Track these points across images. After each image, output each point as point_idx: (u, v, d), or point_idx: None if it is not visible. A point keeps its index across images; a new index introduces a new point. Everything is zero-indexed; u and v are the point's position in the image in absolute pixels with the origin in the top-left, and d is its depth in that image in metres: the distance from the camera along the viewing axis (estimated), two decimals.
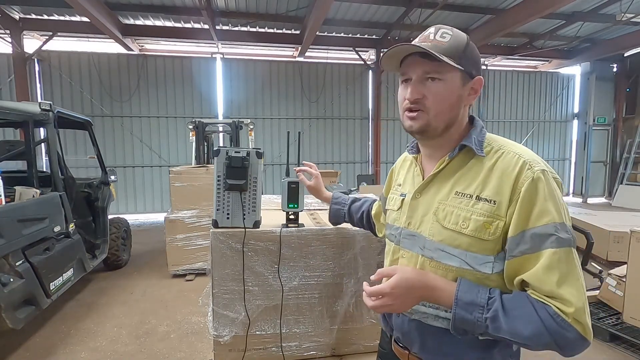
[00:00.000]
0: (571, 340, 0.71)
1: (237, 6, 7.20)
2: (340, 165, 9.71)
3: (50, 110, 3.23)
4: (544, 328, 0.71)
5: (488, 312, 0.76)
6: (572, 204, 9.97)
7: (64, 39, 8.09)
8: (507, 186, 0.79)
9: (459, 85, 0.85)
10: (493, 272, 0.81)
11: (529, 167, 0.79)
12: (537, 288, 0.74)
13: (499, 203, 0.79)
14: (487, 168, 0.83)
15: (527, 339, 0.73)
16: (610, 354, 2.80)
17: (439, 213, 0.87)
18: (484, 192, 0.81)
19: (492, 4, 7.23)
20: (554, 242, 0.73)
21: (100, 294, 3.94)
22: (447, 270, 0.85)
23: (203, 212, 4.22)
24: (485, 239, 0.80)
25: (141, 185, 8.66)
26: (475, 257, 0.81)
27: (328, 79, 9.46)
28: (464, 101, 0.88)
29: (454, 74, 0.84)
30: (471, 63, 0.86)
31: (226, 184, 1.49)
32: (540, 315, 0.72)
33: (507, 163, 0.82)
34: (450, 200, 0.86)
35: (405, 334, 0.96)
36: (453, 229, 0.83)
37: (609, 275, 3.30)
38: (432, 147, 0.94)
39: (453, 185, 0.87)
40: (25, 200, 2.92)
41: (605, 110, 10.93)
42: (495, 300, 0.77)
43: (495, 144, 0.88)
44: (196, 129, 5.45)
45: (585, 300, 0.72)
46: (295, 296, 1.61)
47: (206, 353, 2.80)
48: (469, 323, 0.77)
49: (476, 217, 0.81)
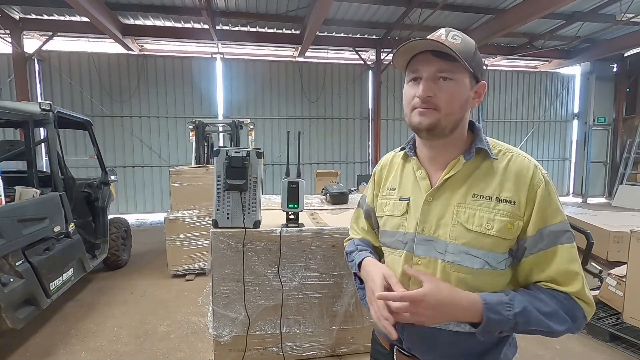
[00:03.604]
0: (580, 318, 0.81)
1: (237, 6, 7.20)
2: (340, 165, 9.71)
3: (50, 110, 3.23)
4: (564, 313, 0.80)
5: (514, 307, 0.80)
6: (572, 204, 9.97)
7: (64, 39, 8.09)
8: (523, 188, 0.84)
9: (468, 87, 0.87)
10: (506, 267, 0.87)
11: (539, 170, 0.86)
12: (561, 280, 0.82)
13: (518, 203, 0.84)
14: (501, 170, 0.87)
15: (553, 326, 0.79)
16: (610, 354, 2.80)
17: (460, 216, 0.86)
18: (502, 194, 0.85)
19: (492, 4, 7.23)
20: (568, 238, 0.83)
21: (100, 294, 3.94)
22: (468, 272, 0.85)
23: (203, 212, 4.22)
24: (508, 238, 0.84)
25: (141, 185, 8.66)
26: (495, 257, 0.85)
27: (328, 79, 9.45)
28: (469, 103, 0.89)
29: (464, 76, 0.85)
30: (478, 67, 0.89)
31: (226, 184, 1.49)
32: (557, 302, 0.80)
33: (520, 166, 0.86)
34: (469, 202, 0.86)
35: (415, 342, 0.93)
36: (478, 231, 0.84)
37: (609, 275, 3.30)
38: (437, 148, 0.92)
39: (469, 188, 0.88)
40: (25, 200, 2.92)
41: (605, 110, 10.93)
42: (515, 296, 0.82)
43: (501, 147, 0.92)
44: (196, 129, 5.45)
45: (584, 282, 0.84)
46: (295, 296, 1.61)
47: (206, 353, 2.80)
48: (499, 323, 0.79)
49: (500, 217, 0.83)
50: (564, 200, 10.71)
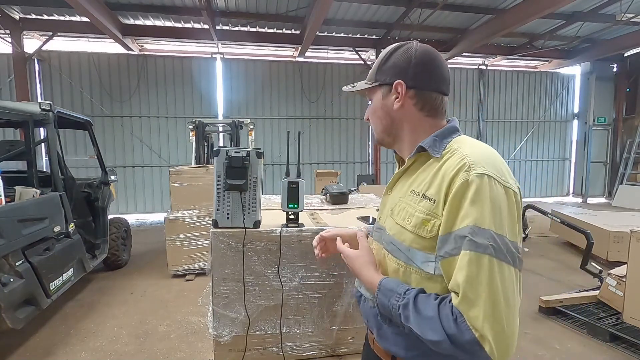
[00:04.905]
0: (465, 343, 0.70)
1: (237, 6, 7.20)
2: (340, 165, 9.71)
3: (50, 110, 3.23)
4: (441, 323, 0.73)
5: (403, 299, 0.81)
6: (572, 204, 9.97)
7: (64, 39, 8.09)
8: (444, 186, 0.79)
9: (381, 99, 0.94)
10: (436, 273, 0.81)
11: (467, 169, 0.77)
12: (455, 289, 0.74)
13: (437, 202, 0.80)
14: (436, 168, 0.84)
15: (425, 332, 0.74)
16: (610, 354, 2.80)
17: (395, 209, 0.92)
18: (428, 191, 0.83)
19: (492, 4, 7.23)
20: (467, 245, 0.72)
21: (100, 294, 3.94)
22: (398, 264, 0.88)
23: (203, 212, 4.22)
24: (424, 237, 0.82)
25: (141, 185, 8.66)
26: (416, 254, 0.83)
27: (328, 79, 9.45)
28: (392, 110, 0.92)
29: (374, 92, 0.96)
30: (389, 72, 0.91)
31: (226, 184, 1.49)
32: (442, 310, 0.74)
33: (450, 163, 0.81)
34: (406, 197, 0.90)
35: (369, 318, 1.00)
36: (400, 224, 0.88)
37: (609, 275, 3.30)
38: (399, 151, 1.00)
39: (411, 184, 0.91)
40: (25, 200, 2.92)
41: (605, 110, 10.93)
42: (410, 291, 0.81)
43: (455, 145, 0.86)
44: (196, 129, 5.45)
45: (492, 312, 0.69)
46: (295, 296, 1.61)
47: (206, 353, 2.80)
48: (387, 308, 0.84)
49: (418, 214, 0.84)
50: (564, 201, 10.71)
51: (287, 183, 1.55)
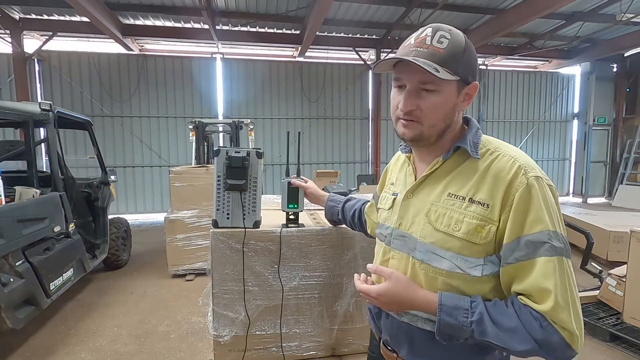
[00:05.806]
0: (555, 345, 0.71)
1: (237, 6, 7.20)
2: (340, 165, 9.71)
3: (50, 110, 3.23)
4: (527, 331, 0.72)
5: (473, 315, 0.76)
6: (572, 204, 9.97)
7: (64, 39, 8.09)
8: (500, 190, 0.77)
9: (455, 95, 0.83)
10: (483, 275, 0.80)
11: (523, 173, 0.76)
12: (536, 296, 0.73)
13: (492, 206, 0.77)
14: (481, 170, 0.81)
15: (512, 343, 0.73)
16: (610, 354, 2.80)
17: (430, 214, 0.85)
18: (477, 195, 0.79)
19: (492, 4, 7.23)
20: (548, 250, 0.73)
21: (100, 294, 3.94)
22: (436, 272, 0.83)
23: (203, 212, 4.22)
24: (477, 243, 0.78)
25: (141, 185, 8.66)
26: (465, 261, 0.80)
27: (328, 79, 9.45)
28: (457, 108, 0.86)
29: (450, 84, 0.81)
30: (468, 69, 0.82)
31: (226, 184, 1.49)
32: (523, 318, 0.73)
33: (502, 166, 0.79)
34: (443, 201, 0.84)
35: (393, 336, 0.95)
36: (445, 231, 0.82)
37: (609, 275, 3.30)
38: (424, 149, 0.93)
39: (446, 187, 0.85)
40: (25, 200, 2.92)
41: (605, 110, 10.93)
42: (478, 304, 0.77)
43: (491, 145, 0.85)
44: (196, 129, 5.45)
45: (575, 310, 0.72)
46: (295, 296, 1.61)
47: (206, 353, 2.80)
48: (455, 328, 0.77)
49: (469, 219, 0.79)
50: (564, 201, 10.71)
51: (287, 183, 1.55)
